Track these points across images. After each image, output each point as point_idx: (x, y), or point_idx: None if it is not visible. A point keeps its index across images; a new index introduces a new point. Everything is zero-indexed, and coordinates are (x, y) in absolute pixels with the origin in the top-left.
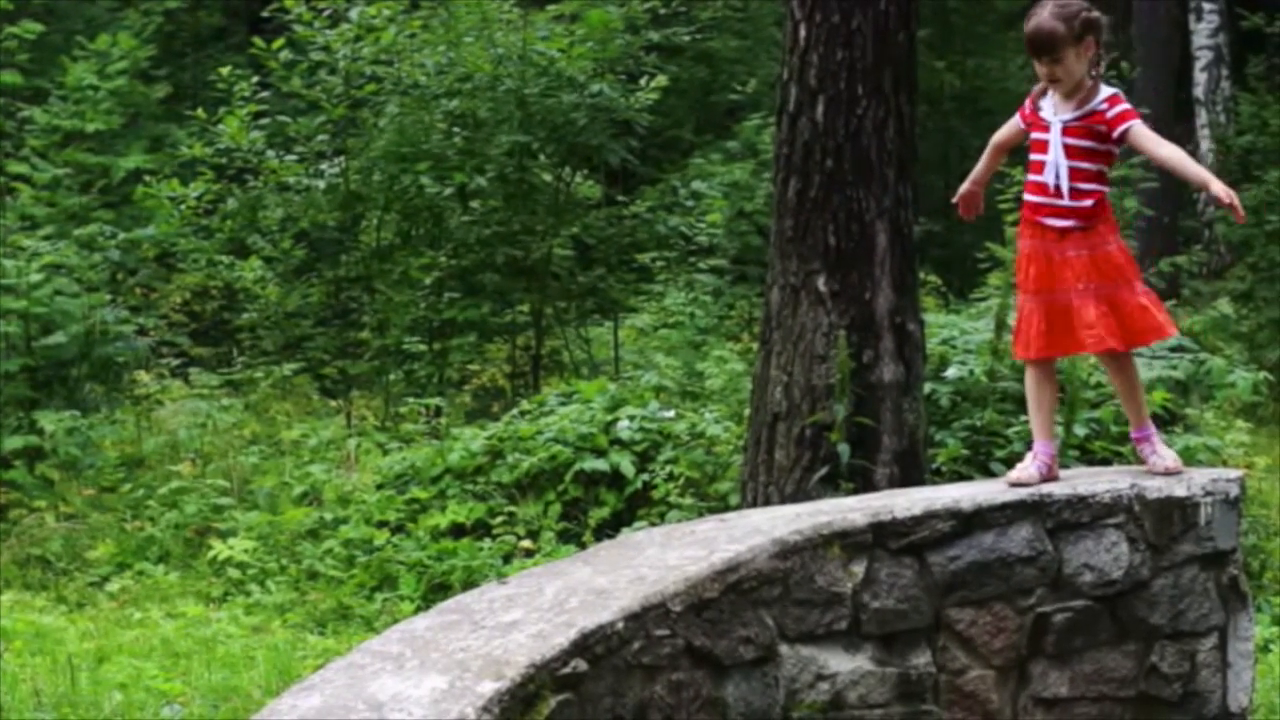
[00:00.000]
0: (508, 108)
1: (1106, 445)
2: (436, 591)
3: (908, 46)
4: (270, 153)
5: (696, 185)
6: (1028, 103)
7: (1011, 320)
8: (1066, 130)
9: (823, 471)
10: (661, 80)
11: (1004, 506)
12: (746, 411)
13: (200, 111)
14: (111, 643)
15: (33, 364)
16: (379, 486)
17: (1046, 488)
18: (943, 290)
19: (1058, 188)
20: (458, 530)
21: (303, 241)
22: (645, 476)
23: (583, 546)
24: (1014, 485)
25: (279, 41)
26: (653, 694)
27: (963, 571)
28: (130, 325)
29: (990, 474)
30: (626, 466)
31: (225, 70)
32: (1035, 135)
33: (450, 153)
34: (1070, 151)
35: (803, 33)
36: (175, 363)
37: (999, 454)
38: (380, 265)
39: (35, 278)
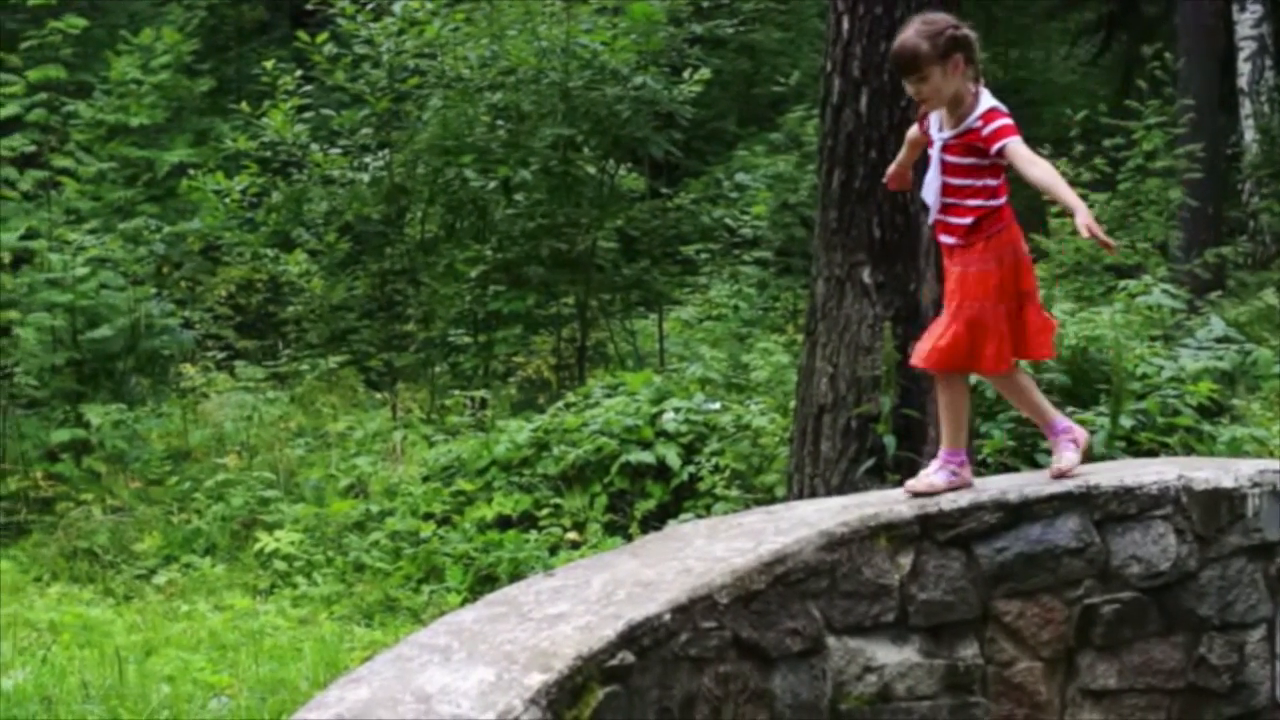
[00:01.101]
0: (551, 100)
1: (1153, 436)
2: (483, 583)
3: None
4: (314, 146)
5: (740, 177)
6: (920, 112)
7: (1058, 311)
8: (947, 148)
9: (869, 463)
10: (705, 73)
11: (1051, 498)
12: (792, 403)
13: (244, 105)
14: (159, 635)
15: (79, 357)
16: (425, 478)
17: (1094, 479)
18: None
19: (934, 206)
20: (504, 522)
21: (347, 234)
22: (691, 468)
23: (629, 538)
24: (1058, 477)
25: (323, 35)
26: (700, 686)
27: (1010, 563)
28: (176, 318)
29: (1036, 465)
30: (672, 458)
31: (269, 64)
32: (929, 151)
33: (494, 146)
34: (952, 169)
35: (846, 25)
36: (221, 355)
37: (1044, 445)
38: (425, 258)
39: (81, 271)
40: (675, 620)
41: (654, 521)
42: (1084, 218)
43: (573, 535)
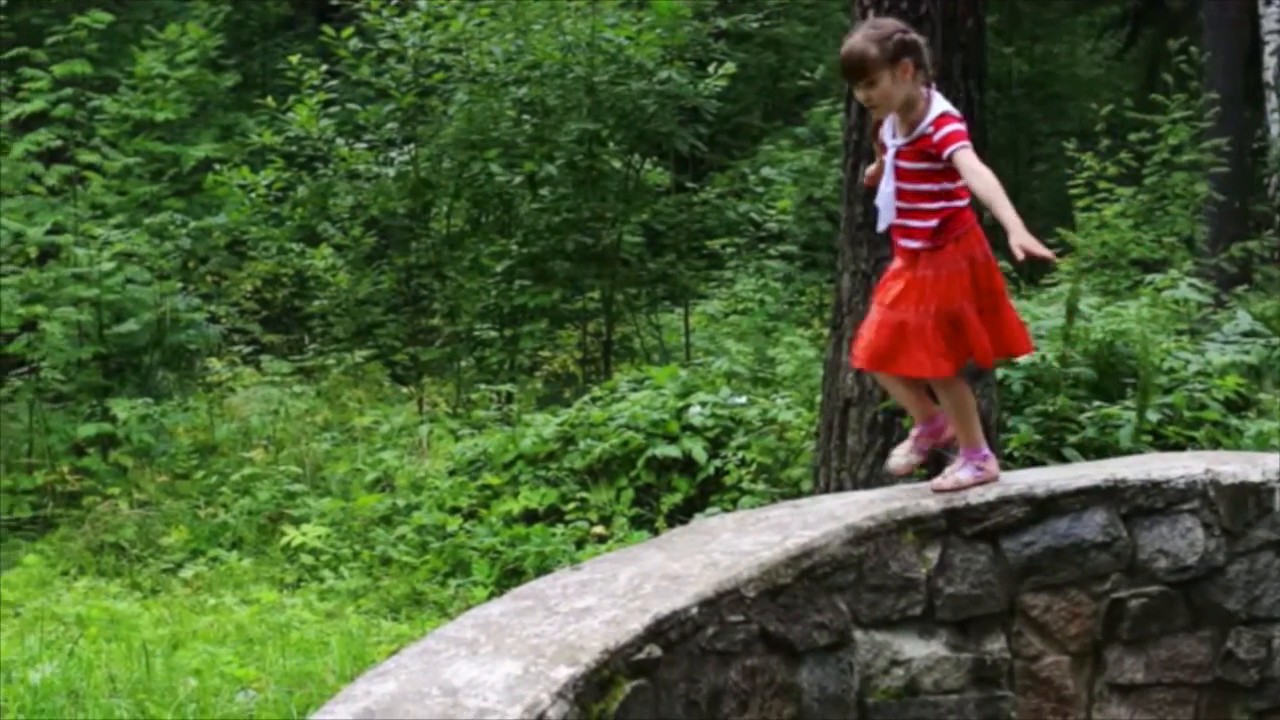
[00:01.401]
0: (576, 95)
1: (1180, 430)
2: (509, 577)
3: (976, 32)
4: (340, 140)
5: (766, 171)
6: (875, 120)
7: (1084, 306)
8: (900, 154)
9: None
10: (730, 67)
11: (1078, 492)
12: (818, 397)
13: (270, 100)
14: (186, 629)
15: (105, 352)
16: (451, 472)
17: (1121, 472)
18: (1014, 276)
19: (893, 211)
20: (530, 516)
21: (373, 229)
22: (717, 462)
23: (655, 532)
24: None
25: (348, 30)
26: (727, 680)
27: (1037, 557)
28: (202, 313)
29: (1063, 459)
30: (698, 452)
31: (294, 59)
32: (882, 158)
33: (519, 140)
34: (907, 175)
35: (871, 19)
36: (247, 350)
37: (1072, 439)
38: (451, 252)
39: (107, 266)
40: (702, 614)
41: (680, 515)
42: (1017, 238)
43: (599, 529)
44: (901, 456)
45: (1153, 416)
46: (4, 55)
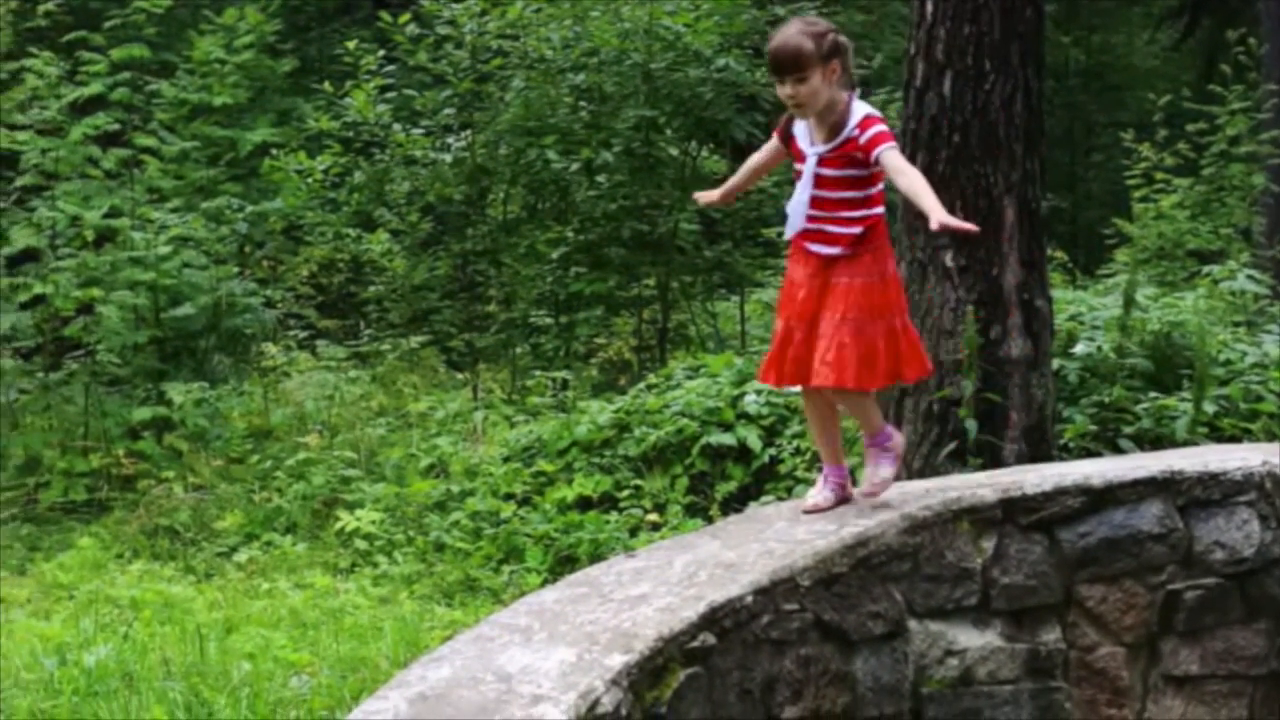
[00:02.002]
0: (634, 82)
1: (1236, 422)
2: (563, 564)
3: (1035, 21)
4: (397, 126)
5: None
6: (780, 126)
7: (1140, 296)
8: (823, 161)
9: (950, 447)
10: None
11: (1135, 483)
12: None
13: (327, 85)
14: (239, 613)
15: (161, 336)
16: (505, 459)
17: (1178, 464)
18: (1069, 266)
19: (803, 219)
20: (584, 503)
21: (429, 215)
22: (772, 450)
23: (709, 520)
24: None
25: (405, 16)
26: (781, 668)
27: (1093, 548)
28: (257, 297)
29: (1119, 450)
30: (753, 440)
31: (352, 44)
32: (796, 165)
33: (576, 127)
34: (829, 183)
35: (930, 7)
36: (302, 335)
37: (1127, 430)
38: (507, 239)
39: (163, 250)
40: (757, 602)
41: (734, 503)
42: (936, 215)
43: (653, 517)
44: (817, 495)
45: (1209, 408)
46: (62, 39)
